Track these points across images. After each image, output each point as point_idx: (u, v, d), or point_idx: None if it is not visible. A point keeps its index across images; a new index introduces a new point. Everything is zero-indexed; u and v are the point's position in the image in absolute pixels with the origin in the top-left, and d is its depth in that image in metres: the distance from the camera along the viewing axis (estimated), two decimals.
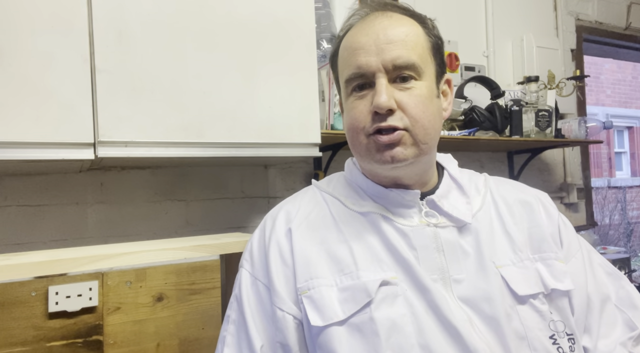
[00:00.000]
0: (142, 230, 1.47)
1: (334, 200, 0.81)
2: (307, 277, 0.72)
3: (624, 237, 7.51)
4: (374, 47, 0.72)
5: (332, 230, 0.77)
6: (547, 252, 0.77)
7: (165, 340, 0.99)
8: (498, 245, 0.76)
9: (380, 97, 0.70)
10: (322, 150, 1.45)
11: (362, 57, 0.73)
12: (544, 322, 0.71)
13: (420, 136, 0.72)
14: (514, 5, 2.29)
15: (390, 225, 0.75)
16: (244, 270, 0.80)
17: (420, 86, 0.73)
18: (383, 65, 0.72)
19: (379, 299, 0.69)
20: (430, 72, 0.76)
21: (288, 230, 0.78)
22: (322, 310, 0.70)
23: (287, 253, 0.76)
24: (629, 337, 0.78)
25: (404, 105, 0.72)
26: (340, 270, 0.72)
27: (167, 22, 1.14)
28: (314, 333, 0.70)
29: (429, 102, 0.74)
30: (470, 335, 0.66)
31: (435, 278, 0.71)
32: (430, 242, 0.74)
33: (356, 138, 0.75)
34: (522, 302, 0.71)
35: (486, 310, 0.69)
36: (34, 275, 0.89)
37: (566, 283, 0.75)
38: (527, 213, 0.81)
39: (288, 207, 0.82)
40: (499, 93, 1.89)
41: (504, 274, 0.72)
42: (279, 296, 0.73)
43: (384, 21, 0.75)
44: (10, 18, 0.99)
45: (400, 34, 0.73)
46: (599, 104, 8.67)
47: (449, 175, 0.83)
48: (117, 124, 1.07)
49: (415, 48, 0.73)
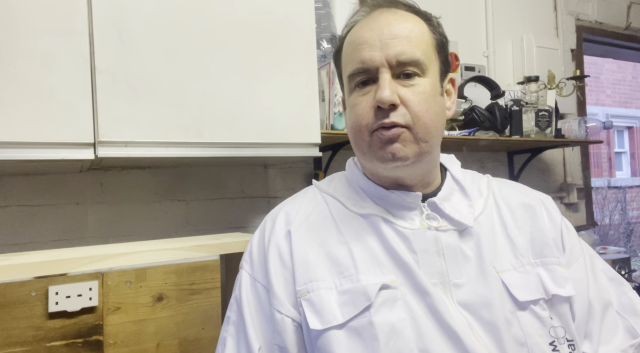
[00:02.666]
0: (142, 230, 1.47)
1: (334, 201, 0.80)
2: (307, 280, 0.72)
3: (624, 237, 7.51)
4: (378, 42, 0.72)
5: (332, 231, 0.76)
6: (549, 257, 0.76)
7: (165, 340, 0.99)
8: (499, 250, 0.75)
9: (383, 91, 0.70)
10: (322, 150, 1.45)
11: (366, 52, 0.72)
12: (544, 328, 0.70)
13: (421, 134, 0.72)
14: (514, 5, 2.29)
15: (390, 227, 0.74)
16: (244, 271, 0.80)
17: (424, 83, 0.73)
18: (387, 60, 0.71)
19: (379, 303, 0.68)
20: (434, 69, 0.75)
21: (287, 232, 0.77)
22: (321, 314, 0.69)
23: (286, 255, 0.75)
24: (630, 344, 0.77)
25: (407, 101, 0.71)
26: (340, 272, 0.72)
27: (167, 22, 1.14)
28: (313, 337, 0.69)
29: (432, 100, 0.73)
30: (470, 340, 0.66)
31: (435, 282, 0.71)
32: (431, 246, 0.73)
33: (359, 135, 0.75)
34: (523, 308, 0.70)
35: (485, 315, 0.69)
36: (34, 275, 0.89)
37: (567, 289, 0.74)
38: (530, 217, 0.80)
39: (288, 208, 0.82)
40: (499, 93, 1.89)
41: (504, 279, 0.71)
42: (278, 298, 0.72)
43: (388, 17, 0.74)
44: (10, 18, 0.99)
45: (405, 29, 0.73)
46: (599, 104, 8.67)
47: (451, 176, 0.82)
48: (117, 124, 1.07)
49: (419, 44, 0.73)
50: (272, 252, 0.76)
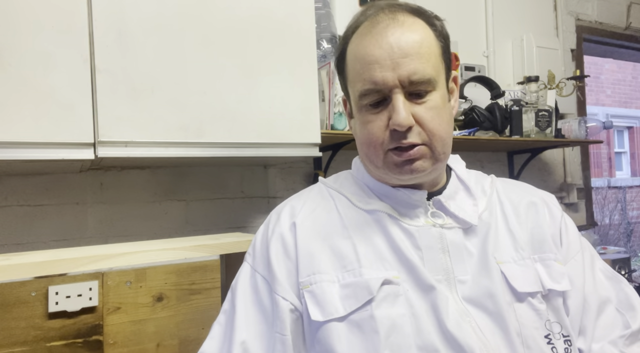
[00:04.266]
0: (142, 230, 1.47)
1: (340, 197, 0.81)
2: (310, 272, 0.73)
3: (624, 237, 7.51)
4: (389, 61, 0.70)
5: (337, 225, 0.77)
6: (547, 253, 0.77)
7: (165, 340, 0.99)
8: (501, 242, 0.76)
9: (399, 115, 0.69)
10: (322, 150, 1.45)
11: (378, 73, 0.71)
12: (540, 320, 0.71)
13: (439, 148, 0.73)
14: (514, 5, 2.29)
15: (396, 224, 0.75)
16: (246, 263, 0.81)
17: (435, 97, 0.73)
18: (400, 80, 0.70)
19: (381, 298, 0.69)
20: (442, 78, 0.75)
21: (292, 224, 0.78)
22: (322, 306, 0.70)
23: (290, 246, 0.76)
24: (620, 335, 0.77)
25: (421, 120, 0.71)
26: (343, 266, 0.73)
27: (167, 22, 1.14)
28: (314, 328, 0.70)
29: (443, 112, 0.74)
30: (469, 338, 0.66)
31: (440, 278, 0.72)
32: (436, 243, 0.74)
33: (373, 152, 0.75)
34: (521, 300, 0.72)
35: (490, 306, 0.70)
36: (34, 275, 0.89)
37: (563, 284, 0.75)
38: (532, 214, 0.81)
39: (293, 202, 0.83)
40: (499, 93, 1.89)
41: (504, 270, 0.72)
42: (282, 285, 0.73)
43: (396, 31, 0.72)
44: (10, 18, 0.99)
45: (415, 44, 0.71)
46: (599, 104, 8.67)
47: (456, 176, 0.83)
48: (117, 124, 1.07)
49: (429, 59, 0.72)
50: (274, 243, 0.77)
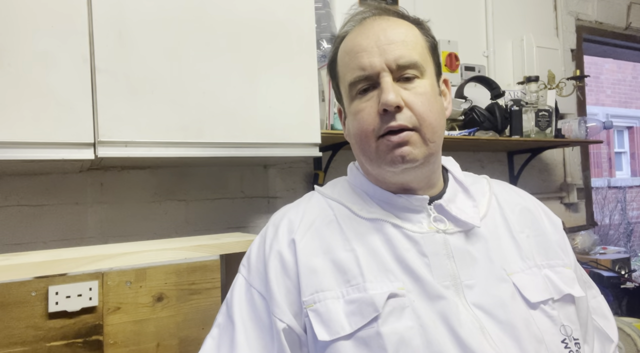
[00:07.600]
0: (142, 230, 1.47)
1: (339, 207, 0.79)
2: (313, 290, 0.71)
3: (624, 237, 7.51)
4: (376, 48, 0.73)
5: (338, 237, 0.75)
6: (555, 259, 0.77)
7: (165, 340, 0.99)
8: (506, 252, 0.75)
9: (388, 94, 0.70)
10: (322, 150, 1.45)
11: (366, 59, 0.73)
12: (555, 326, 0.71)
13: (428, 134, 0.73)
14: (514, 5, 2.29)
15: (399, 231, 0.74)
16: (240, 275, 0.80)
17: (424, 84, 0.74)
18: (387, 64, 0.72)
19: (387, 313, 0.68)
20: (431, 70, 0.77)
21: (291, 241, 0.76)
22: (328, 324, 0.68)
23: (290, 264, 0.74)
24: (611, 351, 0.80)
25: (410, 104, 0.72)
26: (347, 281, 0.71)
27: (167, 22, 1.14)
28: (320, 348, 0.68)
29: (434, 100, 0.74)
30: (481, 345, 0.65)
31: (448, 284, 0.70)
32: (441, 249, 0.73)
33: (366, 142, 0.74)
34: (534, 308, 0.71)
35: (501, 316, 0.69)
36: (34, 275, 0.88)
37: (576, 289, 0.75)
38: (530, 220, 0.81)
39: (291, 215, 0.81)
40: (499, 93, 1.89)
41: (515, 281, 0.72)
42: (280, 307, 0.72)
43: (382, 23, 0.76)
44: (10, 18, 0.99)
45: (400, 34, 0.74)
46: (599, 104, 8.66)
47: (454, 178, 0.82)
48: (117, 124, 1.07)
49: (415, 47, 0.74)
50: (273, 261, 0.75)
